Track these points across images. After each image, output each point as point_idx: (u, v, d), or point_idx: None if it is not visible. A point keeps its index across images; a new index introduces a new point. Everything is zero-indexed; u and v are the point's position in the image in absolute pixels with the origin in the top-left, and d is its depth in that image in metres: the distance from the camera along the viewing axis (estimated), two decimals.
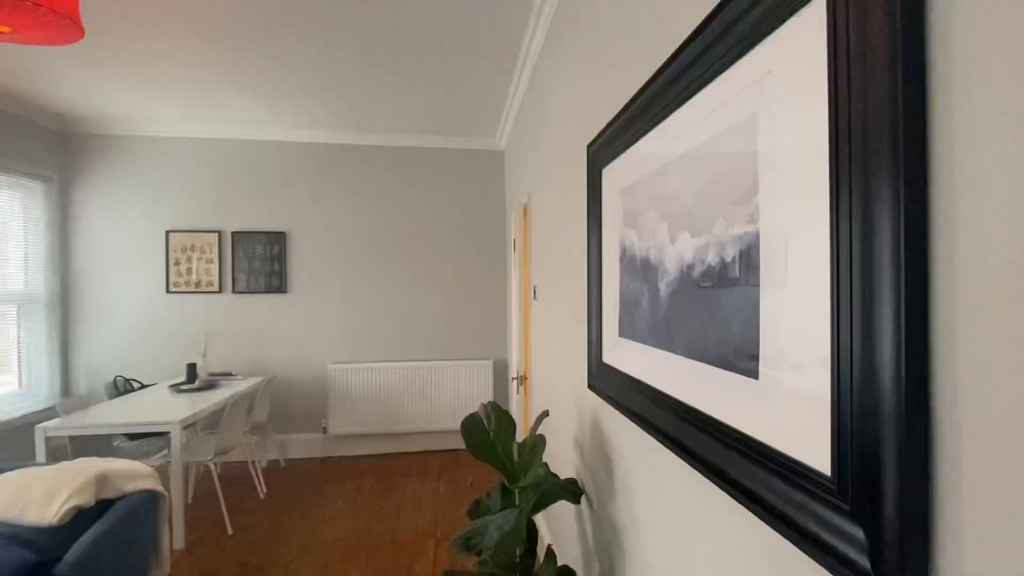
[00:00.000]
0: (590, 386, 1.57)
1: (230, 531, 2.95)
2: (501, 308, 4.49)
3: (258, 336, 4.19)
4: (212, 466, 2.98)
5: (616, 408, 1.33)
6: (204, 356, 3.60)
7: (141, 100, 3.52)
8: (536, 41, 2.52)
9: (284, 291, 4.22)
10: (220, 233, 4.14)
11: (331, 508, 3.27)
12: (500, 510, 1.74)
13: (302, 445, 4.25)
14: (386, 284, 4.35)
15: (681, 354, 0.96)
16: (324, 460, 4.18)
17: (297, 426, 4.25)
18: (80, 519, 1.63)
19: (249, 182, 4.20)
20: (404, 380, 4.25)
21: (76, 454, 2.97)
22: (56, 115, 3.83)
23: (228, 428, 3.04)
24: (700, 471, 0.87)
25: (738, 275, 0.77)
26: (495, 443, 1.70)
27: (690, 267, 0.93)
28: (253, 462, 3.52)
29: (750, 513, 0.76)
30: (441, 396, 4.28)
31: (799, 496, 0.63)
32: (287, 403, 4.23)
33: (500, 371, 4.47)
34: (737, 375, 0.77)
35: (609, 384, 1.41)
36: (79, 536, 1.60)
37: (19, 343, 3.68)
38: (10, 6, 1.39)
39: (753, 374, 0.73)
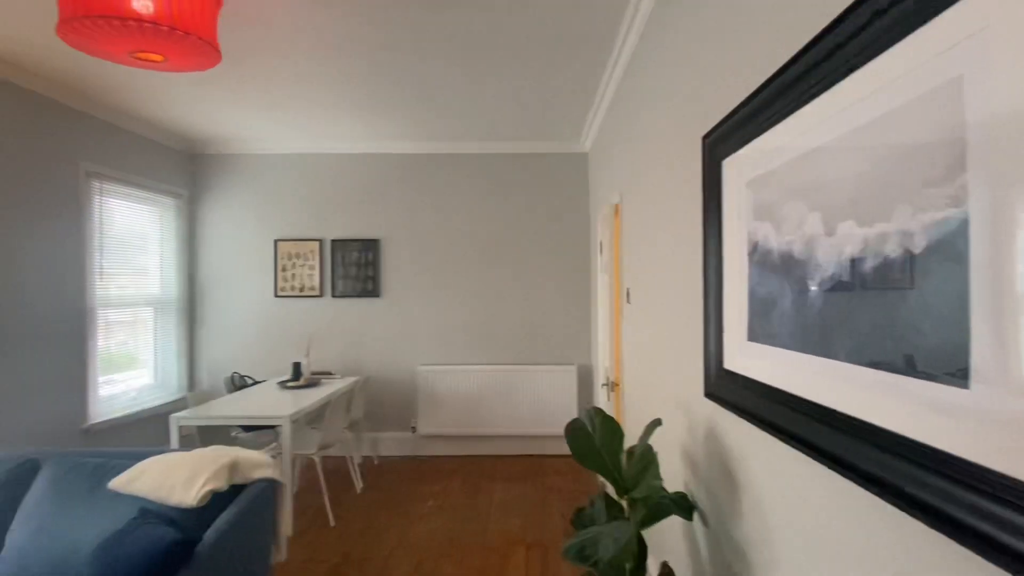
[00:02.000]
0: (708, 394, 1.46)
1: (332, 522, 3.11)
2: (585, 312, 4.41)
3: (354, 338, 4.43)
4: (316, 459, 3.17)
5: (743, 418, 1.23)
6: (307, 356, 3.85)
7: (254, 121, 3.86)
8: (631, 38, 2.45)
9: (377, 295, 4.43)
10: (321, 241, 4.43)
11: (422, 506, 3.35)
12: (606, 521, 1.67)
13: (393, 443, 4.41)
14: (472, 288, 4.43)
15: (842, 359, 0.86)
16: (414, 458, 4.31)
17: (389, 425, 4.42)
18: (214, 502, 1.78)
19: (346, 193, 4.46)
20: (489, 383, 4.29)
21: (203, 442, 3.28)
22: (185, 138, 4.30)
23: (330, 424, 3.22)
24: (862, 486, 0.77)
25: (932, 268, 0.66)
26: (601, 450, 1.64)
27: (856, 261, 0.82)
28: (350, 457, 3.70)
29: (953, 542, 0.65)
30: (525, 401, 4.28)
31: None
32: (380, 402, 4.42)
33: (584, 377, 4.38)
34: (932, 383, 0.67)
35: (733, 392, 1.30)
36: (214, 517, 1.75)
37: (155, 341, 4.15)
38: (165, 36, 1.56)
39: (960, 383, 0.62)
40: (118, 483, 1.79)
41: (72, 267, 3.32)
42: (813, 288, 0.94)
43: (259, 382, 3.99)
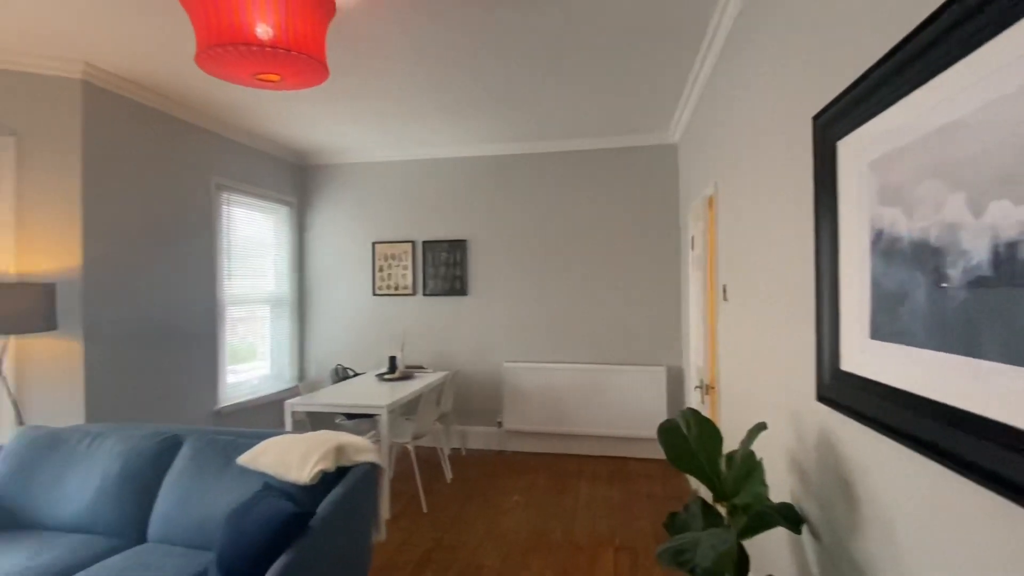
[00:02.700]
0: (820, 398, 1.34)
1: (425, 509, 3.26)
2: (675, 311, 4.24)
3: (443, 334, 4.61)
4: (410, 448, 3.34)
5: (865, 424, 1.11)
6: (402, 351, 4.08)
7: (353, 133, 4.15)
8: (725, 21, 2.31)
9: (464, 293, 4.57)
10: (413, 243, 4.67)
11: (508, 500, 3.41)
12: (702, 528, 1.60)
13: (480, 437, 4.54)
14: (558, 286, 4.43)
15: (993, 359, 0.74)
16: (499, 453, 4.40)
17: (476, 419, 4.55)
18: (324, 481, 1.94)
19: (435, 196, 4.66)
20: (574, 382, 4.26)
21: (312, 426, 3.60)
22: (295, 152, 4.74)
23: (423, 415, 3.38)
24: None
25: None
26: (697, 453, 1.56)
27: (1013, 245, 0.71)
28: (440, 449, 3.86)
29: None
30: (611, 401, 4.19)
31: None
32: (467, 397, 4.57)
33: (674, 379, 4.21)
34: None
35: (851, 395, 1.18)
36: (324, 494, 1.91)
37: (271, 335, 4.61)
38: (282, 57, 1.73)
39: None
40: (245, 459, 2.01)
41: (206, 270, 3.79)
42: (956, 278, 0.83)
43: (359, 374, 4.29)
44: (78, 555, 1.90)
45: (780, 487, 1.75)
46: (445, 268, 4.61)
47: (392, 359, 4.02)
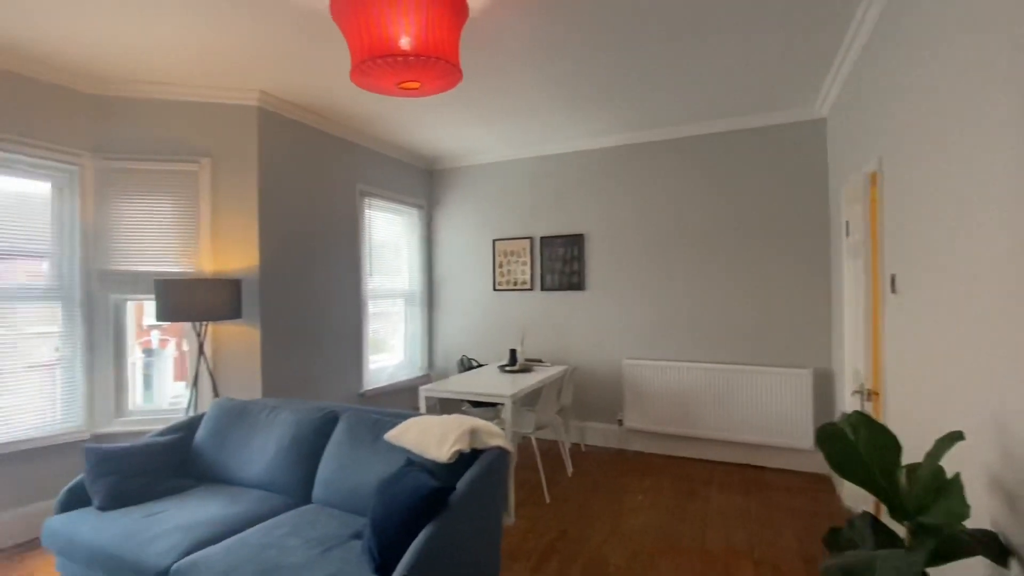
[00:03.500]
0: None
1: (548, 499, 3.31)
2: (822, 306, 3.78)
3: (561, 329, 4.63)
4: (532, 439, 3.40)
5: None
6: (522, 344, 4.18)
7: (475, 136, 4.34)
8: None
9: (582, 288, 4.54)
10: (531, 239, 4.75)
11: (633, 499, 3.31)
12: (872, 547, 1.40)
13: (599, 434, 4.48)
14: (683, 280, 4.21)
15: None
16: (620, 452, 4.30)
17: (594, 415, 4.50)
18: (459, 461, 2.05)
19: (553, 192, 4.69)
20: (702, 383, 4.01)
21: (443, 411, 3.84)
22: (424, 157, 5.09)
23: (544, 406, 3.42)
24: None
25: None
26: (868, 462, 1.37)
27: None
28: (561, 442, 3.88)
29: None
30: (745, 405, 3.87)
31: None
32: (586, 392, 4.54)
33: (822, 382, 3.76)
34: None
35: None
36: (458, 474, 2.02)
37: (404, 328, 5.01)
38: (422, 64, 1.86)
39: None
40: (391, 435, 2.20)
41: (352, 268, 4.23)
42: None
43: (482, 365, 4.48)
44: (260, 508, 2.23)
45: (976, 511, 1.47)
46: (562, 263, 4.62)
47: (512, 352, 4.13)
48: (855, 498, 2.87)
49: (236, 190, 3.40)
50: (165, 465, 2.47)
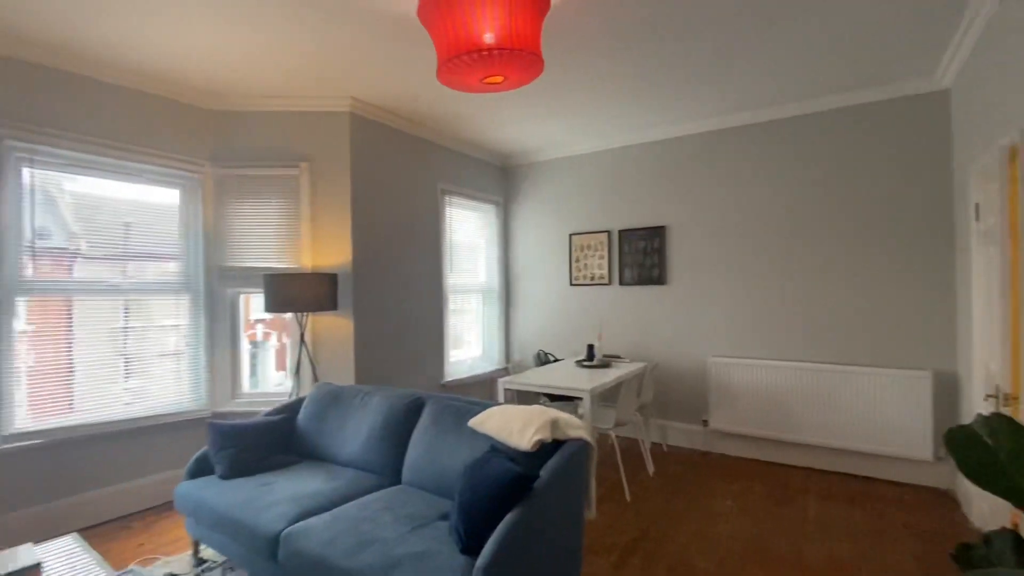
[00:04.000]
0: None
1: (628, 498, 3.24)
2: (945, 301, 3.36)
3: (641, 324, 4.51)
4: (612, 436, 3.34)
5: None
6: (599, 339, 4.11)
7: (551, 130, 4.33)
8: None
9: (663, 283, 4.39)
10: (609, 232, 4.67)
11: (720, 503, 3.16)
12: (1015, 566, 1.23)
13: (682, 434, 4.31)
14: (776, 273, 3.93)
15: None
16: (705, 454, 4.11)
17: (677, 415, 4.34)
18: (540, 451, 2.07)
19: (631, 183, 4.57)
20: (798, 384, 3.73)
21: (521, 404, 3.88)
22: (500, 155, 5.17)
23: (623, 403, 3.35)
24: None
25: None
26: (1010, 471, 1.20)
27: None
28: (641, 441, 3.78)
29: None
30: (850, 409, 3.55)
31: None
32: (668, 390, 4.38)
33: (945, 386, 3.35)
34: None
35: None
36: (540, 462, 2.03)
37: (482, 322, 5.13)
38: (506, 57, 1.88)
39: None
40: (474, 422, 2.27)
41: (433, 263, 4.40)
42: None
43: (559, 360, 4.47)
44: (356, 485, 2.39)
45: None
46: (642, 257, 4.49)
47: (590, 347, 4.08)
48: (987, 516, 2.53)
49: (331, 191, 3.65)
50: (274, 442, 2.72)
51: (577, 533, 2.06)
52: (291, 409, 2.98)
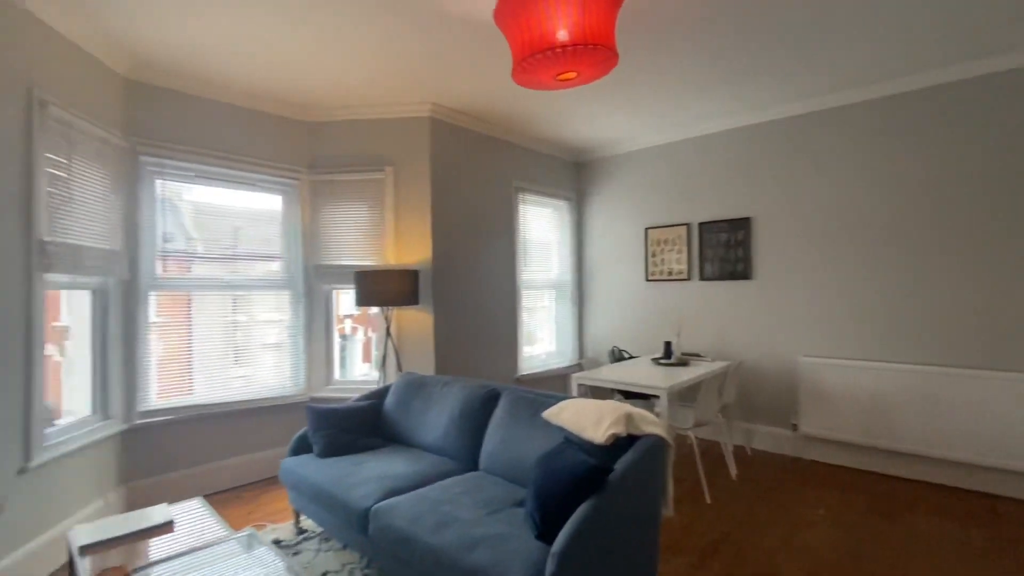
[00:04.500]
0: None
1: (708, 500, 3.12)
2: None
3: (722, 321, 4.31)
4: (692, 436, 3.24)
5: None
6: (677, 336, 3.99)
7: (625, 122, 4.26)
8: None
9: (747, 277, 4.17)
10: (688, 226, 4.51)
11: (812, 513, 2.96)
12: None
13: (768, 438, 4.07)
14: (878, 266, 3.60)
15: None
16: (795, 460, 3.86)
17: (763, 417, 4.11)
18: (616, 445, 2.06)
19: (711, 174, 4.38)
20: (906, 387, 3.39)
21: None
22: (573, 150, 5.16)
23: (703, 403, 3.24)
24: None
25: None
26: None
27: None
28: (724, 443, 3.62)
29: None
30: (970, 417, 3.17)
31: None
32: (752, 391, 4.16)
33: None
34: None
35: None
36: (613, 457, 2.03)
37: (555, 318, 5.15)
38: (580, 52, 1.90)
39: None
40: (548, 413, 2.31)
41: (508, 260, 4.49)
42: None
43: (634, 357, 4.40)
44: (436, 469, 2.52)
45: None
46: (724, 250, 4.29)
47: (667, 344, 3.97)
48: None
49: (413, 192, 3.85)
50: (363, 425, 2.94)
51: (654, 529, 2.04)
52: (378, 396, 3.19)
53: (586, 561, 1.63)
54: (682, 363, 3.87)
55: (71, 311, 2.94)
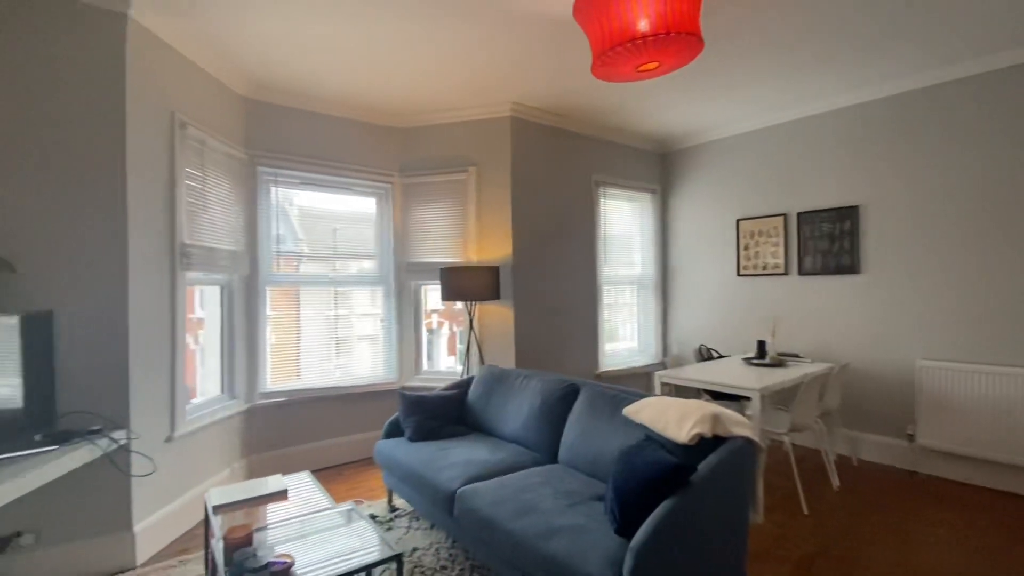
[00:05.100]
0: None
1: (805, 510, 2.91)
2: None
3: (825, 319, 3.97)
4: (787, 442, 3.04)
5: None
6: (772, 335, 3.74)
7: (714, 109, 4.04)
8: None
9: (855, 271, 3.80)
10: (785, 216, 4.19)
11: (930, 532, 2.65)
12: None
13: (878, 448, 3.69)
14: (1006, 259, 3.13)
15: None
16: (912, 473, 3.47)
17: (872, 425, 3.73)
18: (700, 444, 2.00)
19: (812, 159, 4.04)
20: None
21: None
22: (657, 140, 4.99)
23: (801, 407, 3.01)
24: None
25: None
26: None
27: None
28: (824, 451, 3.35)
29: None
30: None
31: None
32: (860, 397, 3.79)
33: None
34: None
35: None
36: (698, 457, 1.97)
37: (637, 314, 5.04)
38: (662, 42, 1.85)
39: None
40: (629, 410, 2.29)
41: (587, 255, 4.46)
42: None
43: (724, 356, 4.19)
44: (517, 459, 2.59)
45: None
46: (828, 242, 3.94)
47: (761, 343, 3.74)
48: None
49: (494, 190, 3.96)
50: (449, 413, 3.09)
51: (740, 534, 1.95)
52: (462, 386, 3.33)
53: (666, 559, 1.61)
54: (777, 364, 3.62)
55: (203, 305, 3.39)
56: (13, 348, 2.03)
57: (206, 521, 2.19)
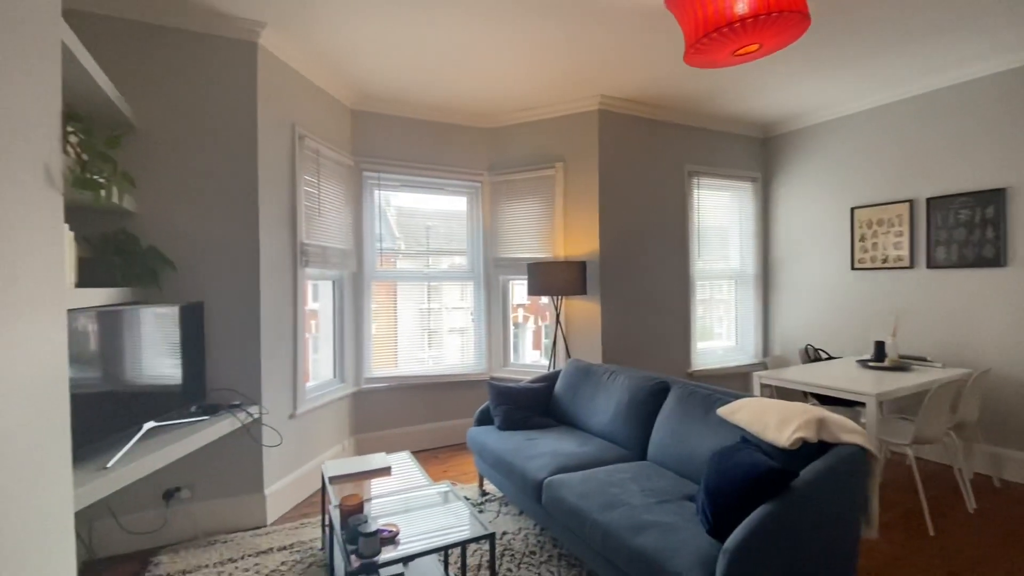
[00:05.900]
0: None
1: (931, 531, 2.61)
2: None
3: (960, 319, 3.50)
4: (910, 455, 2.74)
5: None
6: (893, 335, 3.37)
7: (823, 87, 3.69)
8: None
9: (999, 264, 3.30)
10: (912, 202, 3.74)
11: None
12: None
13: None
14: None
15: None
16: None
17: (1019, 442, 3.23)
18: (803, 450, 1.88)
19: (943, 138, 3.56)
20: None
21: None
22: (757, 125, 4.67)
23: (928, 417, 2.70)
24: None
25: None
26: None
27: None
28: (958, 469, 2.97)
29: None
30: None
31: None
32: (1004, 408, 3.30)
33: None
34: None
35: None
36: (800, 462, 1.85)
37: (735, 311, 4.77)
38: (762, 23, 1.75)
39: None
40: (724, 411, 2.20)
41: (679, 248, 4.30)
42: None
43: (834, 357, 3.84)
44: (604, 453, 2.60)
45: None
46: (966, 231, 3.45)
47: (879, 344, 3.39)
48: None
49: (581, 186, 3.96)
50: (536, 405, 3.17)
51: (850, 549, 1.81)
52: (549, 379, 3.40)
53: (761, 564, 1.55)
54: (899, 367, 3.27)
55: (317, 298, 3.77)
56: (174, 333, 2.42)
57: (323, 489, 2.46)
